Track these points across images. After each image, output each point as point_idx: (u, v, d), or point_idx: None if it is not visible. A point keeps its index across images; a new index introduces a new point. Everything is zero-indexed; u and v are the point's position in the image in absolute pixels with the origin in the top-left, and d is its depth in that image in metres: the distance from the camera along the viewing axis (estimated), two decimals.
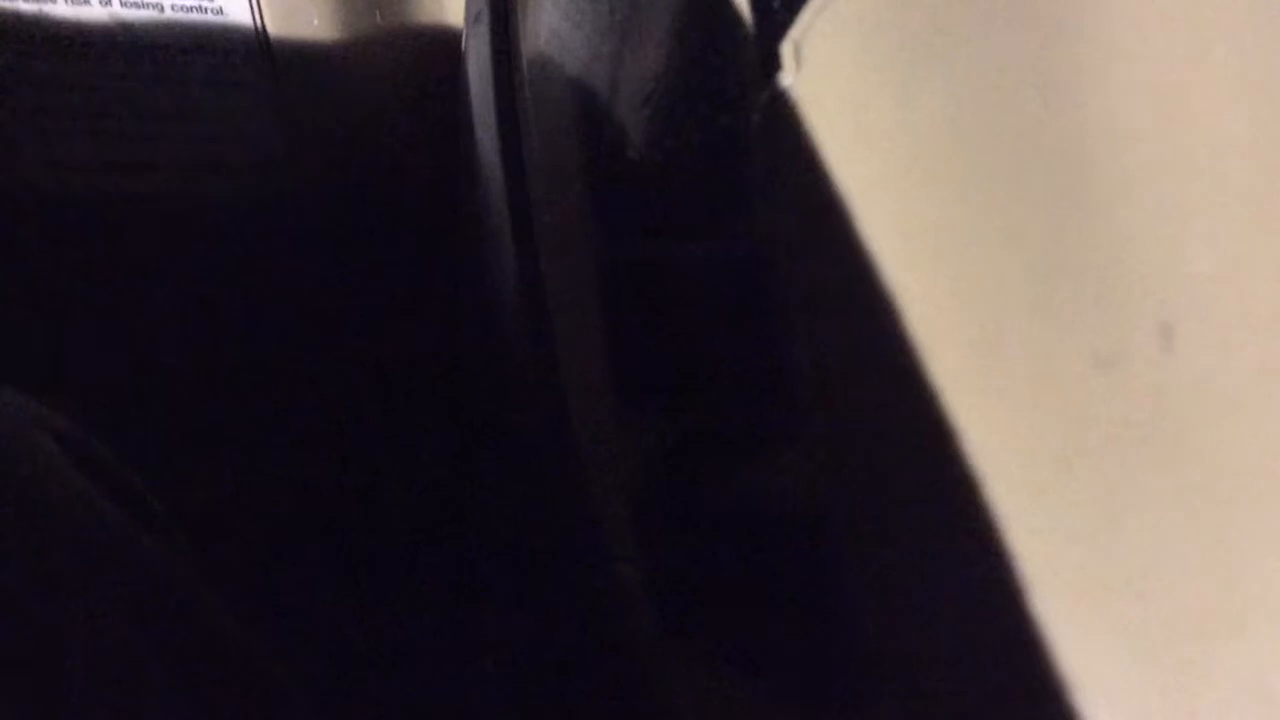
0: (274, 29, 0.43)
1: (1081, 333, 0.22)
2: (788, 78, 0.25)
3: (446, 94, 0.42)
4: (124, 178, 0.41)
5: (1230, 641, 0.21)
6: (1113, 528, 0.22)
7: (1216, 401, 0.21)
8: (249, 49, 0.42)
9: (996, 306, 0.23)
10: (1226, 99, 0.20)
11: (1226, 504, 0.21)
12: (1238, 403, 0.20)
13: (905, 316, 0.25)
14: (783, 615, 0.26)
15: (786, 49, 0.25)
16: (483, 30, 0.37)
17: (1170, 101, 0.21)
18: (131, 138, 0.41)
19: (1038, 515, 0.23)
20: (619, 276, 0.30)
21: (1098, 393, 0.22)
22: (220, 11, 0.41)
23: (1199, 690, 0.21)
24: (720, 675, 0.28)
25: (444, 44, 0.45)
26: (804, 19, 0.25)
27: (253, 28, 0.42)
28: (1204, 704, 0.21)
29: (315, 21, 0.43)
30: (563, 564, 0.32)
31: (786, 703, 0.27)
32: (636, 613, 0.29)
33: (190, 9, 0.41)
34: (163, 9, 0.40)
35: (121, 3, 0.40)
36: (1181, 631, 0.21)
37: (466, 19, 0.39)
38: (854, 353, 0.25)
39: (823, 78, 0.25)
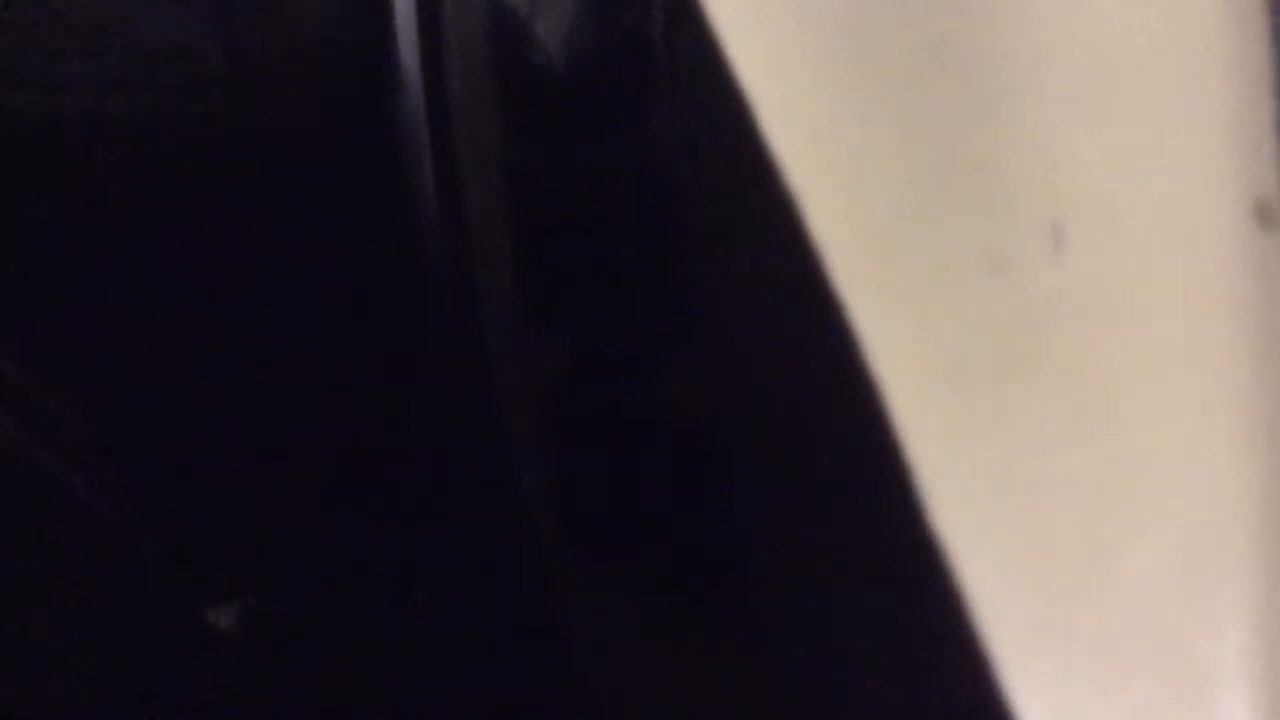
0: None
1: (975, 235, 0.21)
2: None
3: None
4: (64, 92, 0.40)
5: (1122, 550, 0.20)
6: (1004, 435, 0.21)
7: (1107, 306, 0.20)
8: None
9: (892, 209, 0.23)
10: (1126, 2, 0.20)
11: (1117, 410, 0.20)
12: (1128, 304, 0.20)
13: (802, 220, 0.24)
14: (677, 529, 0.26)
15: None
16: None
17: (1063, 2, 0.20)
18: (73, 53, 0.40)
19: (930, 422, 0.22)
20: (527, 184, 0.30)
21: (990, 296, 0.21)
22: None
23: (1087, 598, 0.20)
24: (621, 591, 0.28)
25: None
26: None
27: None
28: (1091, 612, 0.20)
29: None
30: (473, 479, 0.31)
31: (681, 617, 0.26)
32: (544, 527, 0.29)
33: None
34: None
35: None
36: (1071, 541, 0.20)
37: None
38: (751, 258, 0.25)
39: None
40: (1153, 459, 0.20)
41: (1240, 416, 0.19)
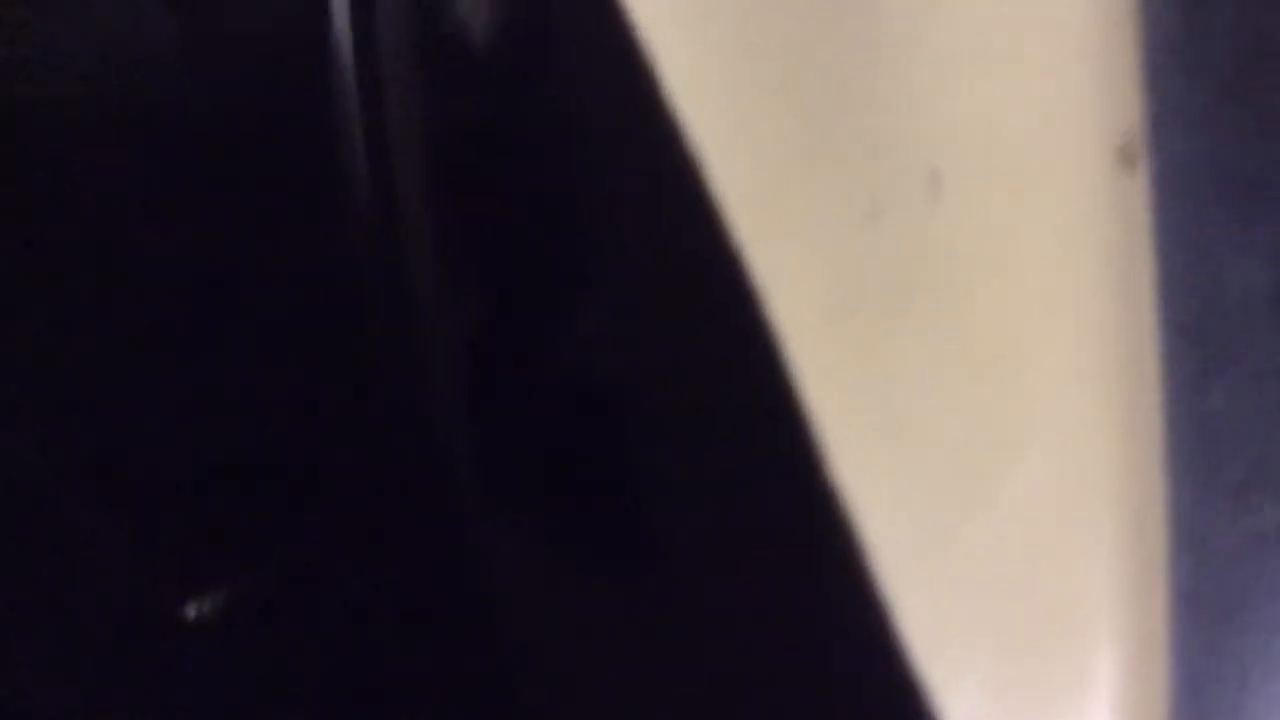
0: None
1: (855, 182, 0.22)
2: None
3: None
4: (14, 75, 0.40)
5: (999, 478, 0.20)
6: (883, 379, 0.21)
7: (981, 249, 0.20)
8: None
9: (778, 157, 0.23)
10: None
11: (986, 353, 0.20)
12: (1002, 247, 0.20)
13: (696, 169, 0.24)
14: (585, 476, 0.26)
15: None
16: None
17: None
18: (23, 35, 0.41)
19: (820, 366, 0.23)
20: (446, 146, 0.30)
21: (869, 243, 0.22)
22: None
23: (968, 523, 0.21)
24: (538, 549, 0.28)
25: None
26: None
27: None
28: (971, 536, 0.21)
29: None
30: (398, 436, 0.32)
31: (594, 575, 0.27)
32: (460, 483, 0.29)
33: None
34: None
35: None
36: (939, 484, 0.21)
37: None
38: (648, 207, 0.25)
39: None
40: (1026, 393, 0.20)
41: (1104, 350, 0.19)
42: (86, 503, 0.32)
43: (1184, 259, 0.18)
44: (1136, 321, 0.19)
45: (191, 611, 0.33)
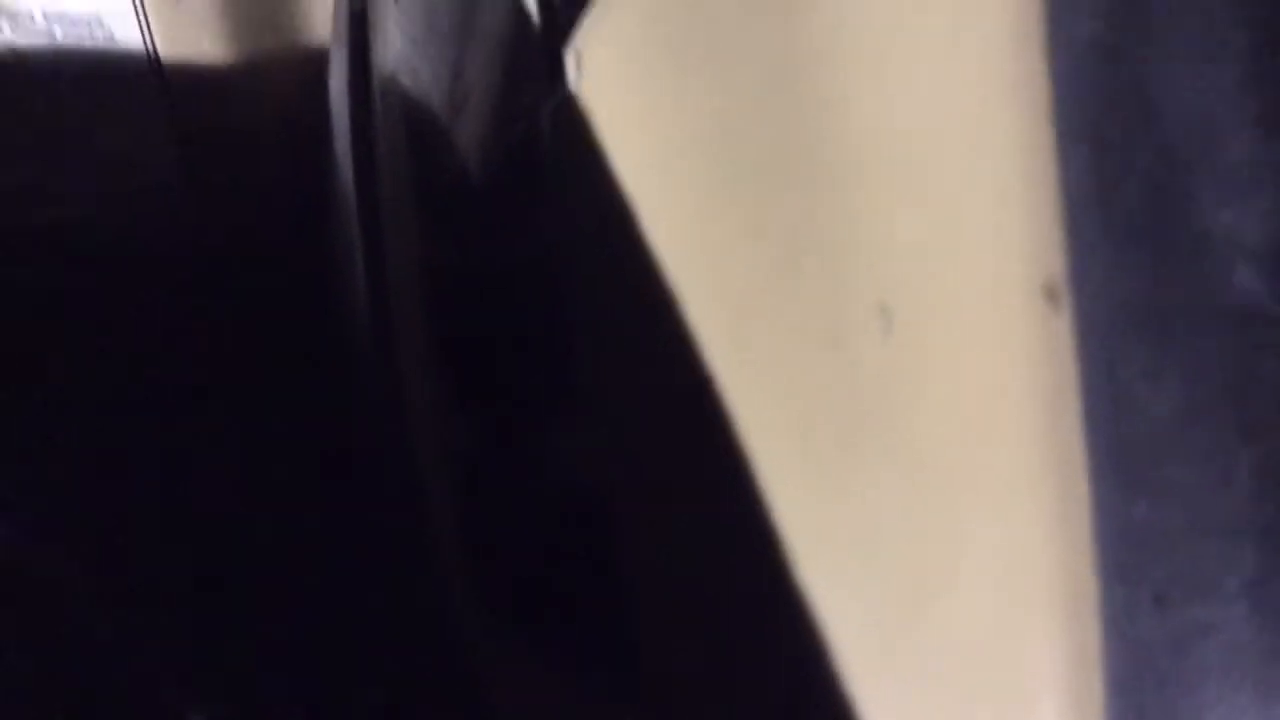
0: (166, 53, 0.44)
1: (815, 315, 0.24)
2: (572, 83, 0.27)
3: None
4: (19, 203, 0.42)
5: (941, 598, 0.22)
6: (842, 495, 0.24)
7: (928, 378, 0.22)
8: (141, 73, 0.44)
9: (746, 292, 0.25)
10: (935, 100, 0.22)
11: (934, 472, 0.22)
12: (944, 378, 0.22)
13: (672, 303, 0.26)
14: (572, 580, 0.28)
15: (570, 57, 0.26)
16: (341, 50, 0.39)
17: (890, 98, 0.23)
18: (28, 163, 0.43)
19: (783, 485, 0.25)
20: (440, 275, 0.32)
21: (827, 370, 0.24)
22: (111, 37, 0.43)
23: (915, 633, 0.23)
24: (531, 650, 0.30)
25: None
26: (583, 28, 0.26)
27: (144, 51, 0.44)
28: (917, 645, 0.23)
29: (205, 44, 0.45)
30: (396, 550, 0.33)
31: (578, 673, 0.28)
32: (453, 587, 0.31)
33: (81, 35, 0.43)
34: (54, 36, 0.42)
35: (13, 30, 0.42)
36: (900, 589, 0.23)
37: (331, 38, 0.41)
38: (629, 336, 0.27)
39: (601, 82, 0.27)
40: (970, 505, 0.22)
41: (1039, 465, 0.21)
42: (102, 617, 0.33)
43: (1105, 386, 0.21)
44: (1067, 441, 0.21)
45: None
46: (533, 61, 0.28)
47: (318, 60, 0.48)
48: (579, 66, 0.27)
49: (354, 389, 0.35)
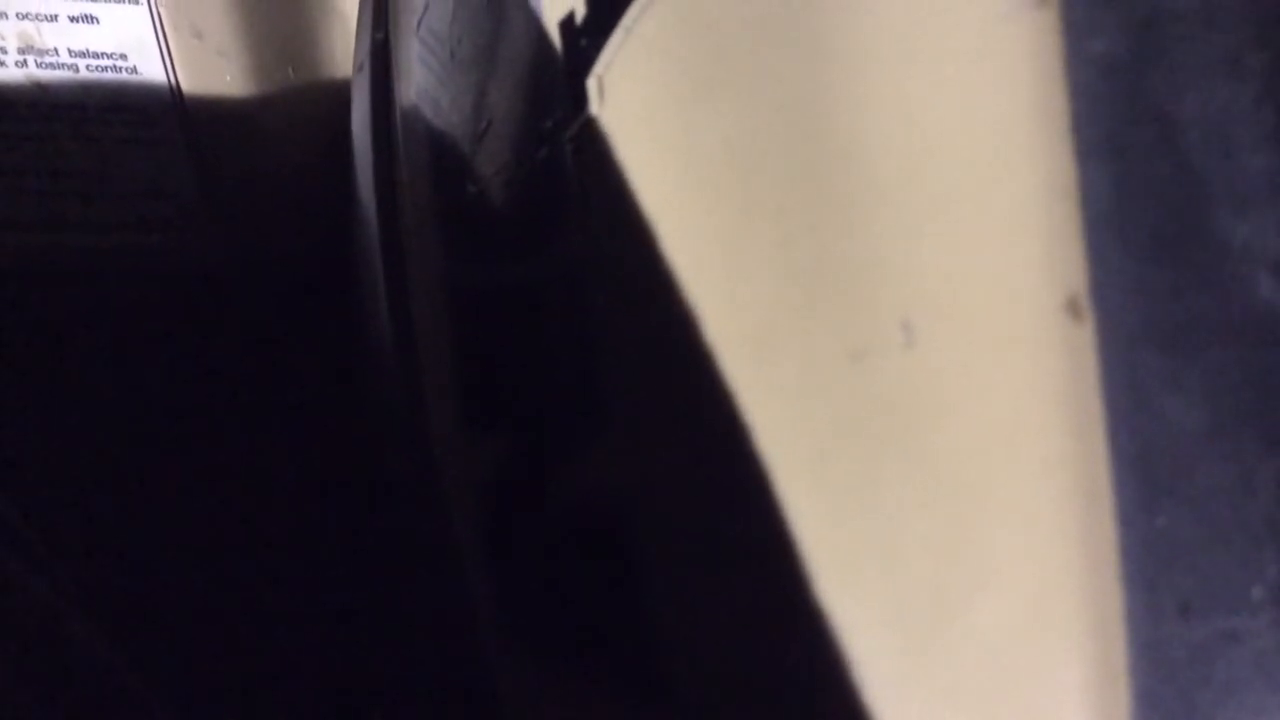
0: (188, 86, 0.45)
1: (838, 331, 0.24)
2: (593, 109, 0.27)
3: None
4: (42, 237, 0.43)
5: (964, 612, 0.22)
6: (865, 511, 0.24)
7: (951, 392, 0.23)
8: (164, 106, 0.45)
9: (769, 310, 0.26)
10: (956, 119, 0.23)
11: (958, 485, 0.23)
12: (969, 392, 0.22)
13: (694, 324, 0.27)
14: (598, 608, 0.28)
15: (591, 83, 0.27)
16: (363, 79, 0.39)
17: (911, 118, 0.23)
18: (50, 197, 0.43)
19: (805, 502, 0.25)
20: (463, 301, 0.32)
21: (850, 386, 0.24)
22: (135, 70, 0.44)
23: (939, 658, 0.23)
24: (555, 678, 0.30)
25: None
26: (605, 55, 0.27)
27: (167, 85, 0.44)
28: (943, 659, 0.23)
29: (229, 77, 0.46)
30: (421, 575, 0.33)
31: (611, 702, 0.28)
32: (487, 619, 0.31)
33: (105, 68, 0.43)
34: (77, 69, 0.43)
35: (38, 64, 0.43)
36: (921, 605, 0.23)
37: (353, 68, 0.41)
38: (652, 357, 0.27)
39: (623, 107, 0.27)
40: (990, 526, 0.22)
41: (1063, 479, 0.21)
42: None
43: (1127, 399, 0.21)
44: (1091, 454, 0.21)
45: None
46: (555, 87, 0.29)
47: (340, 90, 0.49)
48: (601, 92, 0.27)
49: (376, 418, 0.36)
